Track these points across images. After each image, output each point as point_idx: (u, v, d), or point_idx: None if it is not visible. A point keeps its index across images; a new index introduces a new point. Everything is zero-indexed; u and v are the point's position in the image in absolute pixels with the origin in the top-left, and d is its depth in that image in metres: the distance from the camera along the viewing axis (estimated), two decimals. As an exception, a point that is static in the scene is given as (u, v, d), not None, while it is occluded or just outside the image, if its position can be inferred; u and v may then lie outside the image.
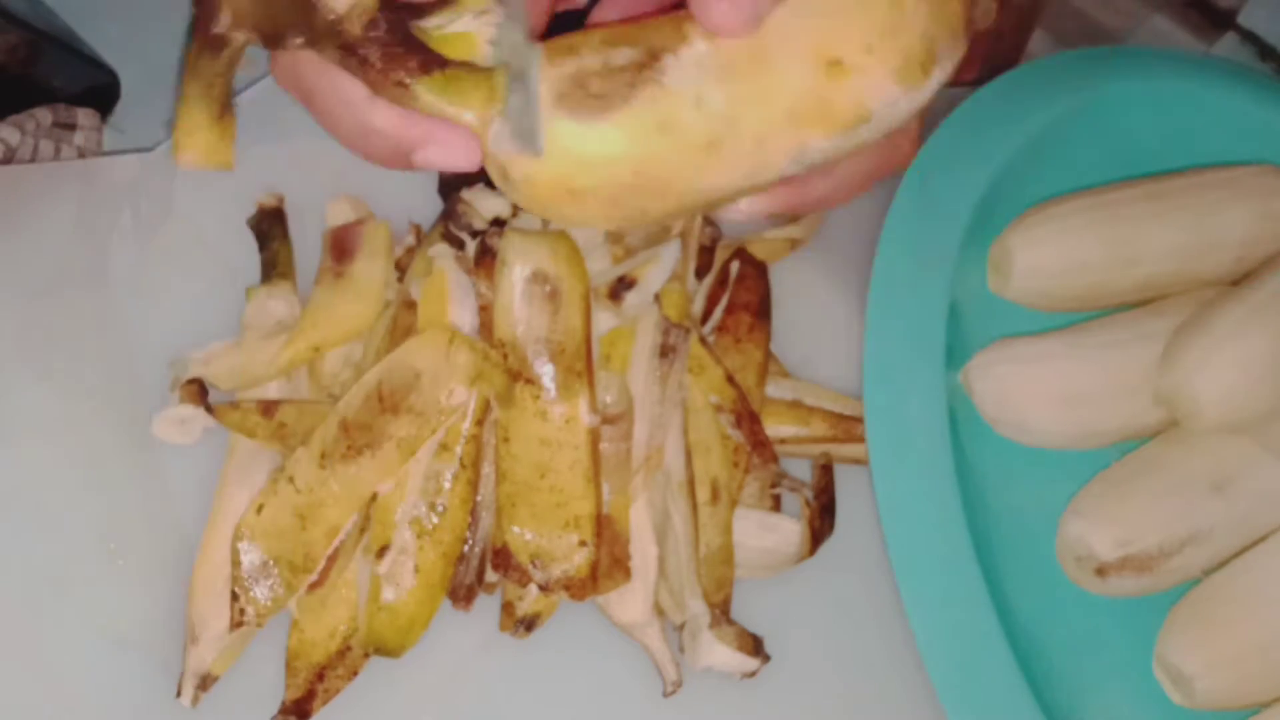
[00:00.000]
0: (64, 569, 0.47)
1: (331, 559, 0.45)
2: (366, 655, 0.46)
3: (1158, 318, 0.54)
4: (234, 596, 0.44)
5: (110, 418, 0.49)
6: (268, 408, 0.47)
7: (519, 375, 0.46)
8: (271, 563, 0.44)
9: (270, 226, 0.53)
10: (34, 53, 0.53)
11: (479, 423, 0.47)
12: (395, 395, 0.45)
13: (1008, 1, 0.68)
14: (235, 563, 0.44)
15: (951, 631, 0.47)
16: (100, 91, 0.57)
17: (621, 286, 0.48)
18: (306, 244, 0.53)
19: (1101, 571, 0.51)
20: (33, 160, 0.53)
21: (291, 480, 0.45)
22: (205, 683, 0.45)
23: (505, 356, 0.46)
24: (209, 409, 0.47)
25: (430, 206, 0.54)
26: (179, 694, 0.45)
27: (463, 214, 0.50)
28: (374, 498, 0.46)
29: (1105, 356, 0.53)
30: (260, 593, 0.44)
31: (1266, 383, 0.51)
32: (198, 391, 0.48)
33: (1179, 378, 0.51)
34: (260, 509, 0.45)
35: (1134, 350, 0.53)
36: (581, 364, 0.46)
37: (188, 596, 0.46)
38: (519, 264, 0.46)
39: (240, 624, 0.44)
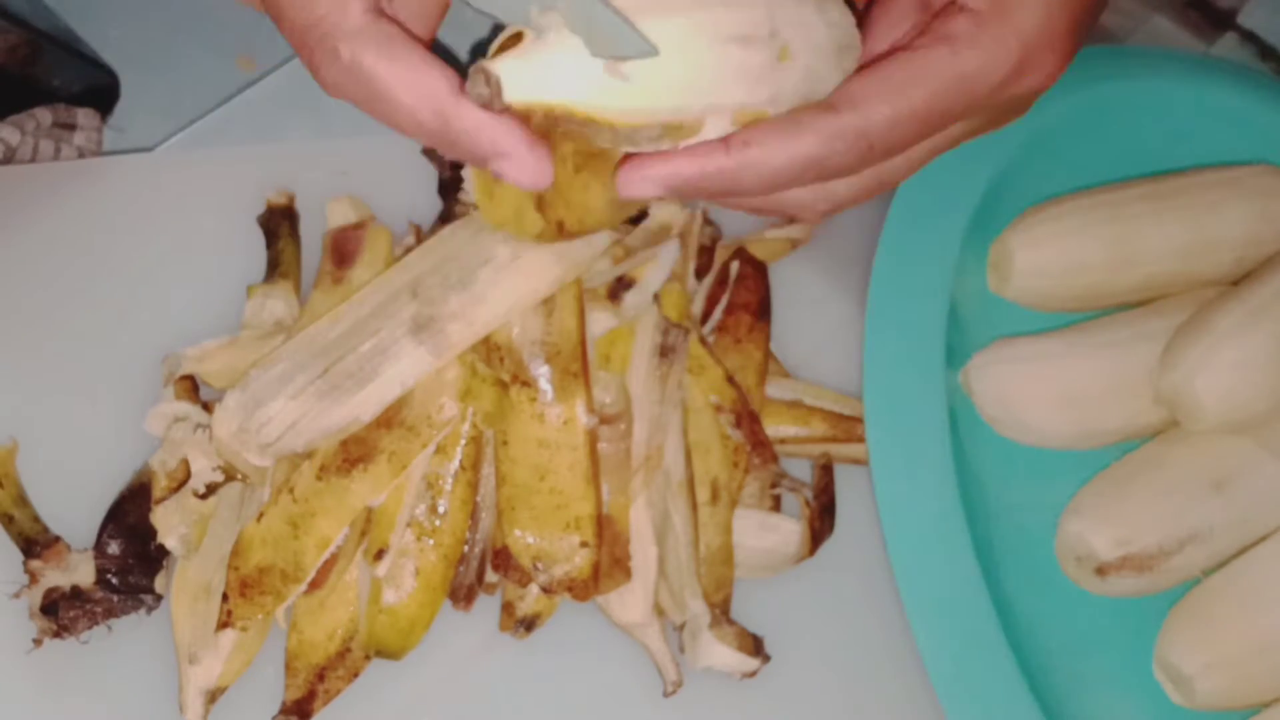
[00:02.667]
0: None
1: (329, 564, 0.45)
2: (367, 657, 0.46)
3: (1157, 317, 0.54)
4: (224, 598, 0.44)
5: (107, 413, 0.49)
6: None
7: (516, 378, 0.46)
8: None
9: (278, 224, 0.53)
10: (34, 53, 0.53)
11: (478, 424, 0.47)
12: (388, 409, 0.45)
13: None
14: (232, 567, 0.44)
15: (951, 631, 0.47)
16: (100, 91, 0.57)
17: (620, 287, 0.48)
18: (306, 244, 0.53)
19: (1101, 571, 0.51)
20: (33, 160, 0.53)
21: (291, 491, 0.45)
22: (214, 696, 0.45)
23: (501, 360, 0.46)
24: (202, 405, 0.47)
25: (430, 206, 0.54)
26: (182, 711, 0.45)
27: (460, 215, 0.50)
28: (367, 511, 0.46)
29: (1105, 356, 0.53)
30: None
31: (1266, 383, 0.51)
32: (190, 388, 0.48)
33: (1179, 378, 0.51)
34: (261, 517, 0.45)
35: (1134, 350, 0.53)
36: (577, 365, 0.46)
37: (171, 619, 0.46)
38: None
39: (226, 624, 0.44)
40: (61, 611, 0.45)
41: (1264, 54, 0.65)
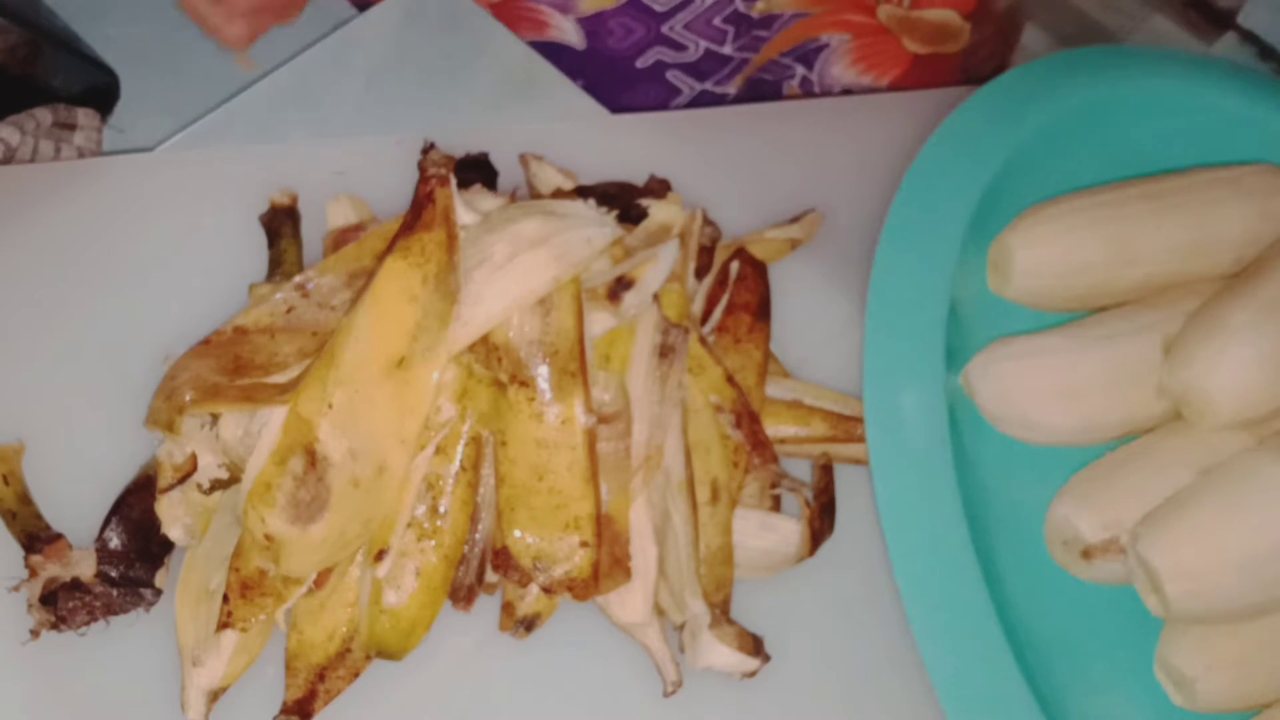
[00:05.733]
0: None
1: (331, 565, 0.45)
2: (368, 657, 0.46)
3: (1155, 311, 0.54)
4: (225, 599, 0.44)
5: (107, 413, 0.49)
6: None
7: (514, 378, 0.46)
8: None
9: (281, 224, 0.53)
10: (34, 53, 0.54)
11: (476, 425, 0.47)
12: None
13: (988, 11, 0.68)
14: (233, 568, 0.44)
15: (951, 631, 0.47)
16: (100, 91, 0.57)
17: (620, 287, 0.48)
18: (307, 244, 0.53)
19: (1087, 554, 0.51)
20: (33, 160, 0.53)
21: None
22: (215, 696, 0.45)
23: (499, 360, 0.46)
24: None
25: (430, 206, 0.54)
26: (185, 710, 0.45)
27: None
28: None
29: (1105, 350, 0.53)
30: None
31: (1277, 381, 0.51)
32: None
33: (1191, 376, 0.51)
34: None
35: (1134, 343, 0.53)
36: (575, 364, 0.46)
37: (175, 621, 0.46)
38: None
39: (226, 625, 0.44)
40: (60, 602, 0.45)
41: (1264, 54, 0.65)
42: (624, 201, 0.52)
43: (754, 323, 0.53)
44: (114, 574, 0.45)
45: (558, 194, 0.53)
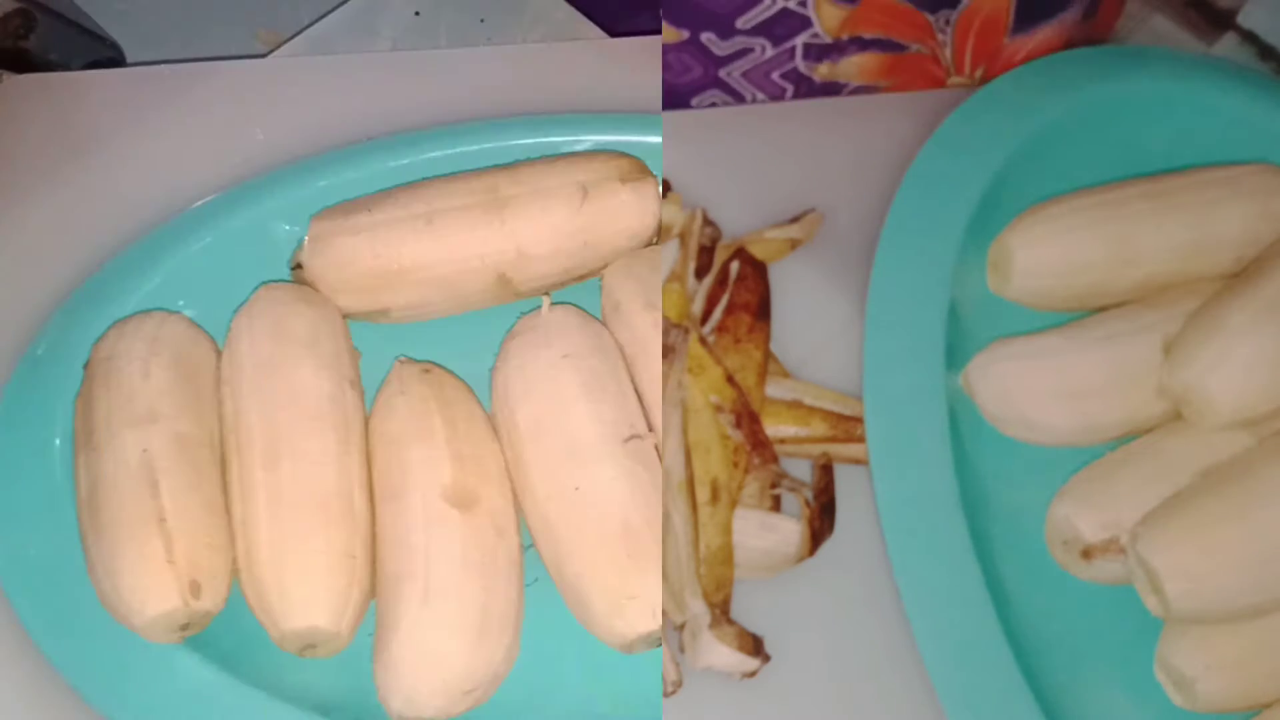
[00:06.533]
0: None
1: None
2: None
3: (1155, 311, 0.54)
4: None
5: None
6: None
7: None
8: None
9: None
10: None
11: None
12: None
13: None
14: None
15: (951, 631, 0.47)
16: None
17: (621, 286, 0.48)
18: (306, 244, 0.53)
19: (1087, 554, 0.51)
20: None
21: None
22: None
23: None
24: None
25: (430, 206, 0.54)
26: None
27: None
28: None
29: (1105, 349, 0.53)
30: None
31: (1277, 381, 0.51)
32: None
33: (1191, 376, 0.51)
34: None
35: (1133, 342, 0.53)
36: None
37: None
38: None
39: None
40: None
41: (1264, 54, 0.65)
42: (624, 201, 0.52)
43: (754, 323, 0.53)
44: None
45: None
